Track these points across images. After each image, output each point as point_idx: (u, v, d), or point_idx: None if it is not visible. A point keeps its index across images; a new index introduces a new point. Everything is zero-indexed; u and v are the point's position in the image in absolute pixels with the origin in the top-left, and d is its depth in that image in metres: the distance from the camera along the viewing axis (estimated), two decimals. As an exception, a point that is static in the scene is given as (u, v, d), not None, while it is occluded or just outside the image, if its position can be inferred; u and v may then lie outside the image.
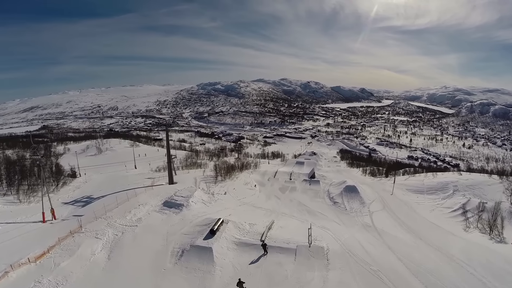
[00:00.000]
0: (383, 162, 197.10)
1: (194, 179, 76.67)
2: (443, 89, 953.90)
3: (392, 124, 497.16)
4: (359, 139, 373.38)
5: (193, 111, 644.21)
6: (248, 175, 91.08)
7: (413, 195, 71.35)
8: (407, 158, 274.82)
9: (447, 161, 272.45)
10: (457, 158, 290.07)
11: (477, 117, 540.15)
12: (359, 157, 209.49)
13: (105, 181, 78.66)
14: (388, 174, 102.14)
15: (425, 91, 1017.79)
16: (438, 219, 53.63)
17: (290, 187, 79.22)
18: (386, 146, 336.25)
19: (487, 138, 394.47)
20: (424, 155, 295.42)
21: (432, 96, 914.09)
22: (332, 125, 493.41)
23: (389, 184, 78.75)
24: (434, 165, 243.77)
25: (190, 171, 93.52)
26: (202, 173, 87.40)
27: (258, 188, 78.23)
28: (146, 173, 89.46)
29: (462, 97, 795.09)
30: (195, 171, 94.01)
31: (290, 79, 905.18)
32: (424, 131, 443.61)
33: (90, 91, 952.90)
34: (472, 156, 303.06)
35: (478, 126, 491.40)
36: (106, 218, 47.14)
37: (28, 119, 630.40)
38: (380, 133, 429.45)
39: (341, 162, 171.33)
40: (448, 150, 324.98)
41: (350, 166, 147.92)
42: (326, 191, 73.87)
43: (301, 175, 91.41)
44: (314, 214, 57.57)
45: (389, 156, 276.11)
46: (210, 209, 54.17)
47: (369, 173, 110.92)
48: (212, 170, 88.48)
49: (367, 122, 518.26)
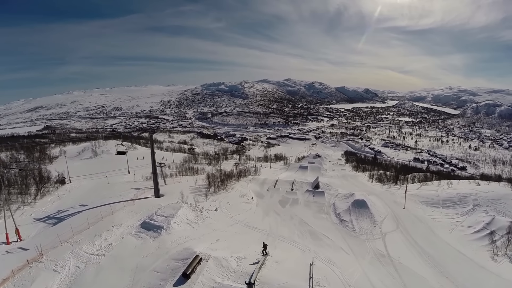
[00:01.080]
0: (389, 165, 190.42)
1: (183, 191, 68.62)
2: (448, 89, 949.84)
3: (397, 125, 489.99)
4: (364, 141, 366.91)
5: (196, 112, 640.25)
6: (246, 184, 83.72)
7: (427, 209, 61.83)
8: (413, 161, 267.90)
9: (453, 164, 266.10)
10: (464, 160, 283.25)
11: (483, 118, 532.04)
12: (364, 160, 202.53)
13: (90, 191, 71.58)
14: (397, 180, 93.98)
15: (430, 91, 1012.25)
16: (460, 243, 46.17)
17: (292, 200, 71.67)
18: (391, 148, 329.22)
19: (493, 140, 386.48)
20: (430, 157, 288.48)
21: (437, 96, 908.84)
22: (336, 126, 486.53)
23: (400, 194, 70.56)
24: (443, 169, 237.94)
25: (182, 179, 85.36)
26: (195, 182, 78.74)
27: (256, 201, 70.04)
28: (137, 181, 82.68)
29: (467, 98, 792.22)
30: (188, 178, 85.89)
31: (294, 80, 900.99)
32: (429, 132, 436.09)
33: (95, 91, 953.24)
34: (479, 158, 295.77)
35: (484, 127, 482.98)
36: (73, 243, 40.30)
37: (32, 119, 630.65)
38: (385, 134, 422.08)
39: (346, 165, 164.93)
40: (454, 152, 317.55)
41: (355, 170, 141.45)
42: (332, 205, 66.06)
43: (304, 185, 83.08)
44: (318, 238, 49.72)
45: (395, 158, 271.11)
46: (195, 232, 46.74)
47: (376, 178, 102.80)
48: (204, 180, 79.21)
49: (372, 123, 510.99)
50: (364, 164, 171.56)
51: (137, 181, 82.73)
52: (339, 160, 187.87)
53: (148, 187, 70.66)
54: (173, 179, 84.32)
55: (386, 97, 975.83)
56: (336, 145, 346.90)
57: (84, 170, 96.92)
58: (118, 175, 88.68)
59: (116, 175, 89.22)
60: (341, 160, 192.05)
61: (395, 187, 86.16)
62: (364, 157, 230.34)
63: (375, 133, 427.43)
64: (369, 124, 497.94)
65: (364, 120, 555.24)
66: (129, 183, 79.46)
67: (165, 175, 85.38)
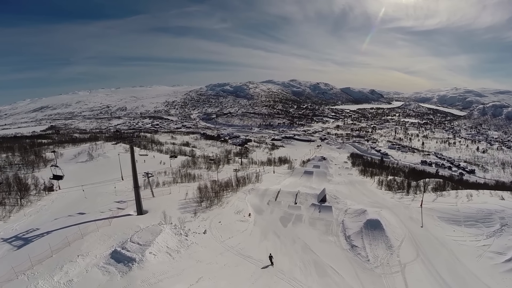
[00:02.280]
0: (397, 168, 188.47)
1: (168, 208, 59.25)
2: (454, 90, 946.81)
3: (403, 127, 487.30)
4: (370, 143, 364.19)
5: (201, 112, 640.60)
6: (244, 196, 76.70)
7: (447, 227, 56.15)
8: (420, 163, 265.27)
9: (462, 167, 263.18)
10: (472, 163, 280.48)
11: (490, 120, 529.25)
12: (371, 163, 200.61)
13: (72, 202, 65.64)
14: (409, 188, 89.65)
15: (436, 92, 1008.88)
16: (491, 277, 39.53)
17: (295, 216, 64.64)
18: (398, 150, 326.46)
19: (501, 142, 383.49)
20: (438, 160, 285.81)
21: (442, 97, 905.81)
22: (342, 127, 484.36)
23: (415, 207, 66.31)
24: (452, 172, 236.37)
25: (173, 190, 76.87)
26: (185, 195, 69.85)
27: (253, 218, 62.56)
28: (126, 189, 75.94)
29: (473, 99, 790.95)
30: (181, 189, 77.46)
31: (299, 80, 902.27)
32: (436, 134, 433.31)
33: (100, 91, 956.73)
34: (487, 161, 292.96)
35: (491, 129, 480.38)
36: (29, 277, 32.74)
37: (37, 119, 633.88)
38: (391, 136, 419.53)
39: (353, 169, 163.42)
40: (461, 154, 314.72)
41: (362, 174, 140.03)
42: (341, 224, 59.40)
43: (309, 197, 75.19)
44: (324, 272, 43.03)
45: (402, 161, 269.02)
46: (174, 265, 38.32)
47: (386, 185, 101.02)
48: (195, 193, 69.24)
49: (378, 124, 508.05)
50: (371, 167, 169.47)
51: (127, 189, 76.49)
52: (345, 163, 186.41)
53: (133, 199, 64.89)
54: (163, 190, 75.95)
55: (392, 98, 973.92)
56: (342, 147, 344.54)
57: (77, 175, 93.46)
58: (110, 181, 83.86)
59: (108, 181, 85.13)
60: (347, 163, 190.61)
61: (408, 197, 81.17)
62: (370, 160, 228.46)
63: (381, 135, 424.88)
64: (375, 126, 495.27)
65: (370, 121, 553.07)
66: (117, 193, 73.28)
67: (157, 184, 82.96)
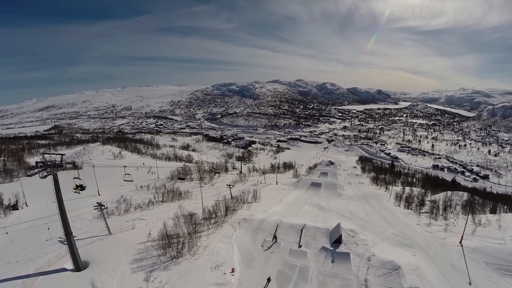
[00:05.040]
0: (410, 174, 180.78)
1: (122, 254, 45.98)
2: (461, 91, 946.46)
3: (411, 128, 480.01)
4: (379, 145, 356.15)
5: (206, 112, 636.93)
6: (231, 232, 58.44)
7: (500, 281, 40.72)
8: (432, 168, 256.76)
9: (475, 171, 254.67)
10: (485, 168, 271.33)
11: (499, 121, 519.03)
12: (382, 168, 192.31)
13: (18, 236, 53.84)
14: (437, 212, 73.71)
15: (443, 93, 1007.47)
16: None
17: (298, 270, 46.06)
18: (408, 153, 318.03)
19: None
20: (449, 164, 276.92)
21: (450, 98, 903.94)
22: (349, 128, 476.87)
23: (453, 245, 51.27)
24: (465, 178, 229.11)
25: (139, 224, 60.76)
26: (148, 236, 52.88)
27: (239, 276, 43.85)
28: (91, 214, 65.42)
29: (481, 100, 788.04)
30: (150, 220, 62.91)
31: (305, 80, 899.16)
32: (445, 136, 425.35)
33: (106, 91, 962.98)
34: (500, 165, 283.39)
35: (501, 131, 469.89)
36: None
37: (42, 118, 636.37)
38: (400, 137, 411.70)
39: (363, 175, 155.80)
40: (473, 158, 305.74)
41: (375, 183, 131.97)
42: (363, 285, 41.66)
43: (319, 234, 55.18)
44: None
45: (413, 165, 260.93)
46: None
47: (405, 201, 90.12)
48: (164, 229, 50.28)
49: (385, 126, 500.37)
50: (383, 174, 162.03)
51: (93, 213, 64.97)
52: (354, 169, 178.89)
53: (96, 232, 54.37)
54: (127, 223, 60.39)
55: (399, 98, 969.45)
56: (350, 149, 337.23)
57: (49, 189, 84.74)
58: (85, 197, 68.96)
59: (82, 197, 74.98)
60: (356, 168, 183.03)
61: (437, 223, 66.94)
62: (380, 164, 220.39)
63: (390, 136, 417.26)
64: (382, 127, 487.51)
65: (377, 122, 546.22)
66: (81, 218, 62.30)
67: (126, 208, 73.22)
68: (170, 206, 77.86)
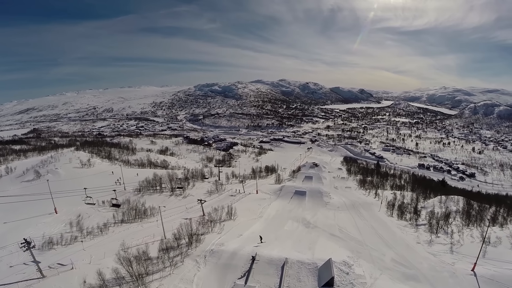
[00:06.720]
0: (397, 175, 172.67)
1: None
2: (443, 89, 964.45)
3: (394, 126, 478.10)
4: (363, 144, 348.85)
5: (188, 113, 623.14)
6: (193, 272, 44.78)
7: None
8: (418, 167, 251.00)
9: (461, 170, 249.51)
10: (470, 166, 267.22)
11: (481, 119, 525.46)
12: (368, 169, 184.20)
13: None
14: (437, 223, 64.69)
15: (425, 91, 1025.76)
16: None
17: None
18: (393, 152, 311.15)
19: (496, 142, 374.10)
20: (435, 163, 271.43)
21: (431, 96, 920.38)
22: (332, 128, 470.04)
23: (464, 274, 43.29)
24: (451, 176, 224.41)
25: (98, 247, 52.51)
26: (99, 275, 39.84)
27: None
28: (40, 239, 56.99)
29: (462, 98, 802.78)
30: (97, 252, 51.58)
31: (288, 80, 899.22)
32: (428, 134, 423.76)
33: (88, 92, 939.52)
34: (485, 162, 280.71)
35: (483, 128, 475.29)
36: None
37: (22, 121, 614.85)
38: (384, 136, 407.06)
39: (349, 178, 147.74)
40: (458, 156, 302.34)
41: (362, 187, 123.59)
42: None
43: (305, 274, 42.05)
44: None
45: (398, 164, 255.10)
46: None
47: (397, 209, 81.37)
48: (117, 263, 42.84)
49: (369, 124, 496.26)
50: (369, 175, 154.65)
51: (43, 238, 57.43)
52: (339, 170, 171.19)
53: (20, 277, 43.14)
54: (66, 259, 48.66)
55: (381, 97, 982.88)
56: (334, 149, 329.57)
57: (10, 203, 76.01)
58: (40, 215, 65.72)
59: (38, 215, 67.77)
60: (341, 170, 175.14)
61: (440, 239, 58.53)
62: (366, 165, 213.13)
63: (373, 135, 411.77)
64: (366, 126, 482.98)
65: (360, 121, 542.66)
66: None
67: (75, 235, 62.12)
68: (129, 229, 66.75)
